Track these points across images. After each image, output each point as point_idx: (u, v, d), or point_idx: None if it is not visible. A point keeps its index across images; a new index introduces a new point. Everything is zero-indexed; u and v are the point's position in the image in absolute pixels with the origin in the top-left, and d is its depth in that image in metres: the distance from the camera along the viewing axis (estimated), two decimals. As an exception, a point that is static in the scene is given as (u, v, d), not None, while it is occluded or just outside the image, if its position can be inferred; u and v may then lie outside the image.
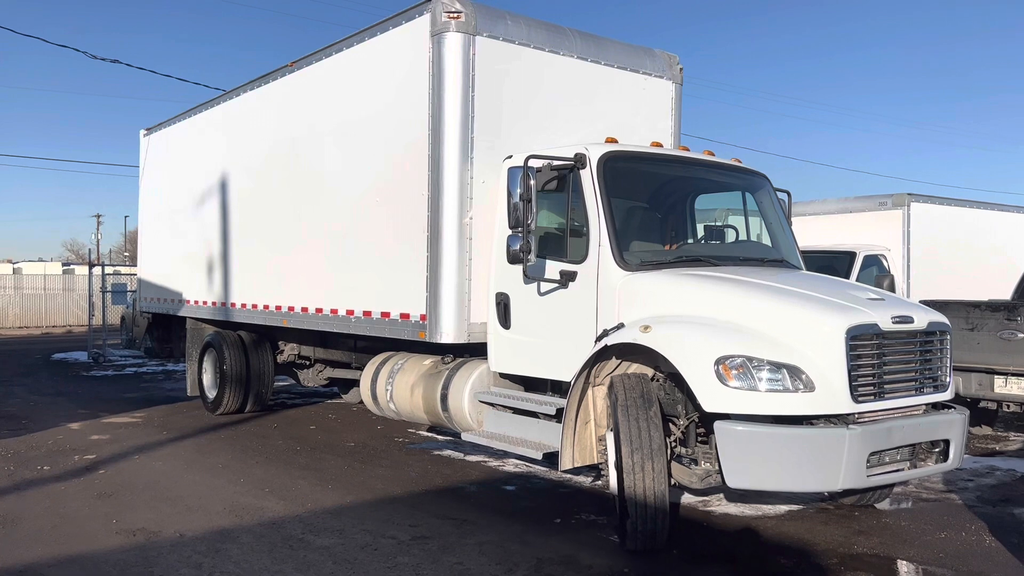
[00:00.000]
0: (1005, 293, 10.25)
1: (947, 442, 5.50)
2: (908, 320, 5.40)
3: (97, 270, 22.49)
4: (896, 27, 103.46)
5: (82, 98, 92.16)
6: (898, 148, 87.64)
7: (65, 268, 47.72)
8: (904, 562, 5.26)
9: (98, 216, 62.09)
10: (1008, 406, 8.59)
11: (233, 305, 10.17)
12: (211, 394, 10.93)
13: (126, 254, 53.70)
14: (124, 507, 6.40)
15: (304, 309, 8.77)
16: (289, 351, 10.55)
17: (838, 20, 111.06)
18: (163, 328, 13.27)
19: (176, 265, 11.87)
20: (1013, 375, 8.13)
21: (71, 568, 5.07)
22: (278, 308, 9.23)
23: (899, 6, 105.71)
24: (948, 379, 5.67)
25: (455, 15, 6.71)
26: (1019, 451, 8.79)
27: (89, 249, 29.51)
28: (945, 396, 5.62)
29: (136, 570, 5.02)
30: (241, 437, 9.39)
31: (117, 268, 31.09)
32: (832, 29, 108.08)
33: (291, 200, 9.08)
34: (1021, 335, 8.01)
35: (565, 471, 6.43)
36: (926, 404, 5.54)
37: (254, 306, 9.71)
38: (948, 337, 5.70)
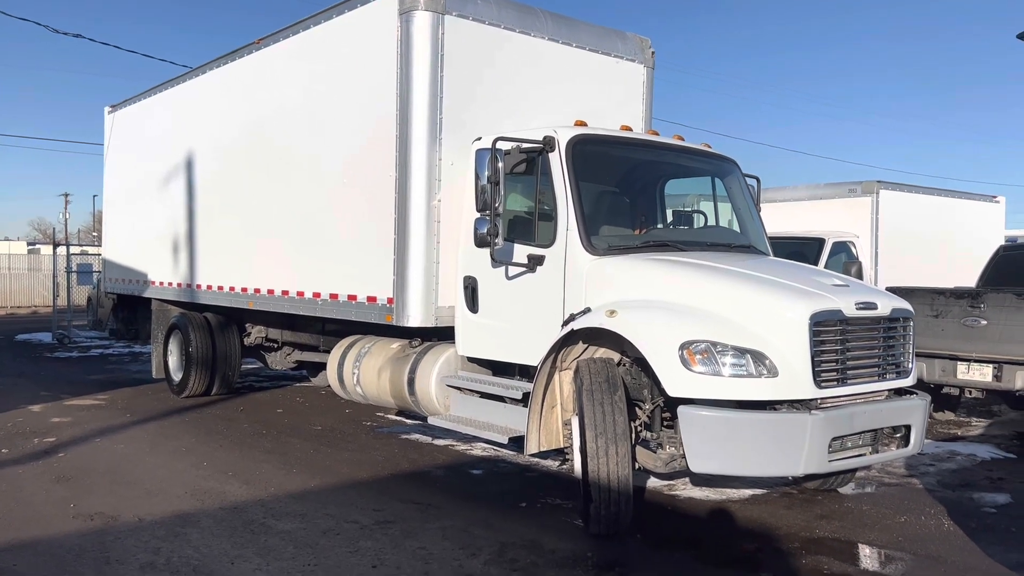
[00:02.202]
0: (970, 280, 10.38)
1: (908, 427, 5.56)
2: (872, 306, 5.42)
3: (62, 250, 22.12)
4: (869, 17, 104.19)
5: (45, 74, 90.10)
6: (869, 136, 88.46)
7: (31, 248, 46.80)
8: (864, 546, 5.32)
9: (66, 195, 60.33)
10: (970, 392, 8.70)
11: (199, 287, 10.03)
12: (176, 377, 10.79)
13: (94, 234, 52.73)
14: (82, 491, 6.30)
15: (271, 291, 8.66)
16: (256, 334, 10.42)
17: (810, 8, 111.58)
18: (129, 309, 13.10)
19: (141, 245, 11.67)
20: (976, 361, 8.22)
21: (24, 553, 4.97)
22: (244, 290, 9.11)
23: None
24: (911, 365, 5.71)
25: (424, -7, 6.59)
26: (980, 436, 8.93)
27: (55, 228, 29.00)
28: (907, 382, 5.67)
29: (92, 555, 4.93)
30: (206, 420, 9.27)
31: (84, 248, 30.58)
32: (805, 17, 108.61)
33: (258, 180, 8.94)
34: (984, 322, 8.10)
35: (532, 455, 6.41)
36: (888, 390, 5.58)
37: (220, 288, 9.58)
38: (911, 323, 5.74)
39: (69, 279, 21.02)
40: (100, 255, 14.98)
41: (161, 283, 11.00)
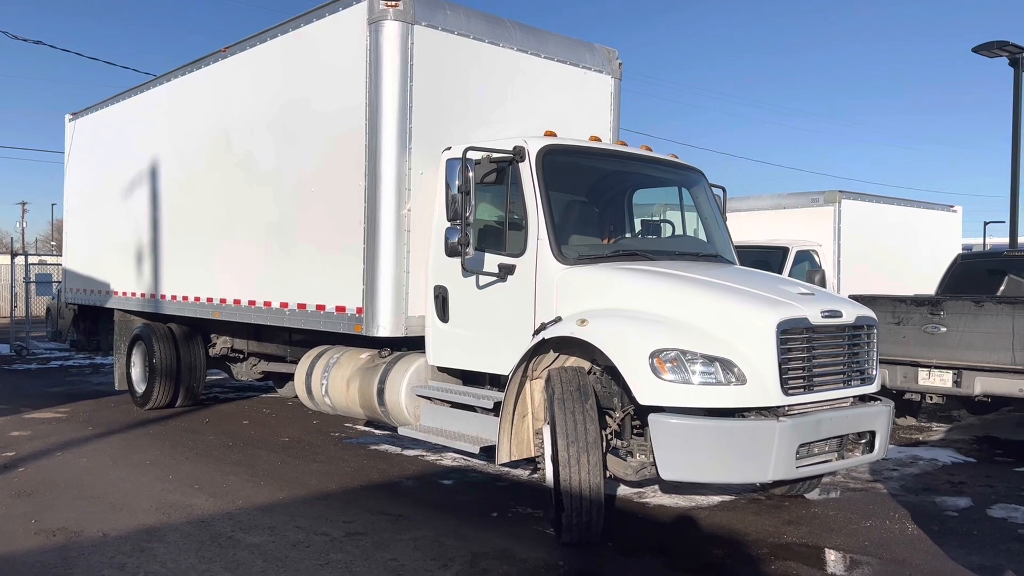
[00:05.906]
0: (929, 288, 10.60)
1: (873, 433, 5.65)
2: (837, 314, 5.51)
3: (20, 259, 21.68)
4: (831, 27, 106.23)
5: (2, 81, 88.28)
6: (833, 146, 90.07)
7: (-13, 257, 45.73)
8: (831, 551, 5.40)
9: (23, 204, 59.23)
10: (931, 398, 8.86)
11: (163, 297, 9.88)
12: (140, 388, 10.61)
13: (53, 243, 51.74)
14: (44, 506, 6.16)
15: (237, 301, 8.56)
16: (222, 344, 10.29)
17: (773, 19, 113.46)
18: (90, 320, 12.85)
19: (104, 255, 11.47)
20: (936, 368, 8.39)
21: (-15, 571, 4.86)
22: (209, 300, 8.99)
23: (833, 6, 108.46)
24: (875, 372, 5.81)
25: (393, 3, 6.60)
26: (941, 441, 9.11)
27: (12, 238, 28.40)
28: (871, 388, 5.77)
29: (55, 571, 4.83)
30: (171, 432, 9.13)
31: (43, 258, 29.97)
32: (771, 28, 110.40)
33: (224, 189, 8.85)
34: (944, 329, 8.28)
35: (503, 465, 6.39)
36: (853, 396, 5.68)
37: (185, 298, 9.45)
38: (875, 331, 5.84)
39: (27, 289, 20.58)
40: (60, 265, 14.70)
41: (124, 293, 10.82)
